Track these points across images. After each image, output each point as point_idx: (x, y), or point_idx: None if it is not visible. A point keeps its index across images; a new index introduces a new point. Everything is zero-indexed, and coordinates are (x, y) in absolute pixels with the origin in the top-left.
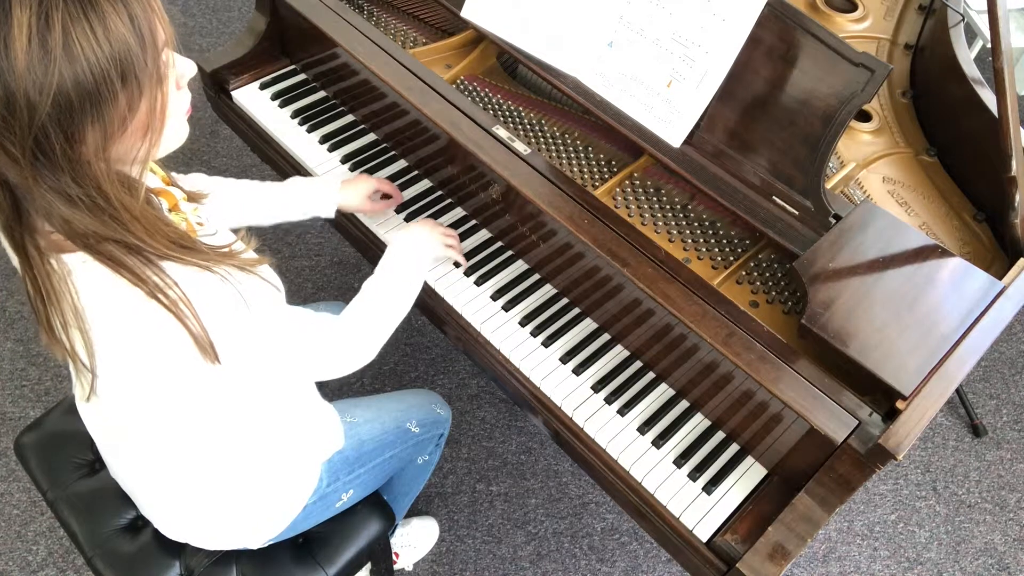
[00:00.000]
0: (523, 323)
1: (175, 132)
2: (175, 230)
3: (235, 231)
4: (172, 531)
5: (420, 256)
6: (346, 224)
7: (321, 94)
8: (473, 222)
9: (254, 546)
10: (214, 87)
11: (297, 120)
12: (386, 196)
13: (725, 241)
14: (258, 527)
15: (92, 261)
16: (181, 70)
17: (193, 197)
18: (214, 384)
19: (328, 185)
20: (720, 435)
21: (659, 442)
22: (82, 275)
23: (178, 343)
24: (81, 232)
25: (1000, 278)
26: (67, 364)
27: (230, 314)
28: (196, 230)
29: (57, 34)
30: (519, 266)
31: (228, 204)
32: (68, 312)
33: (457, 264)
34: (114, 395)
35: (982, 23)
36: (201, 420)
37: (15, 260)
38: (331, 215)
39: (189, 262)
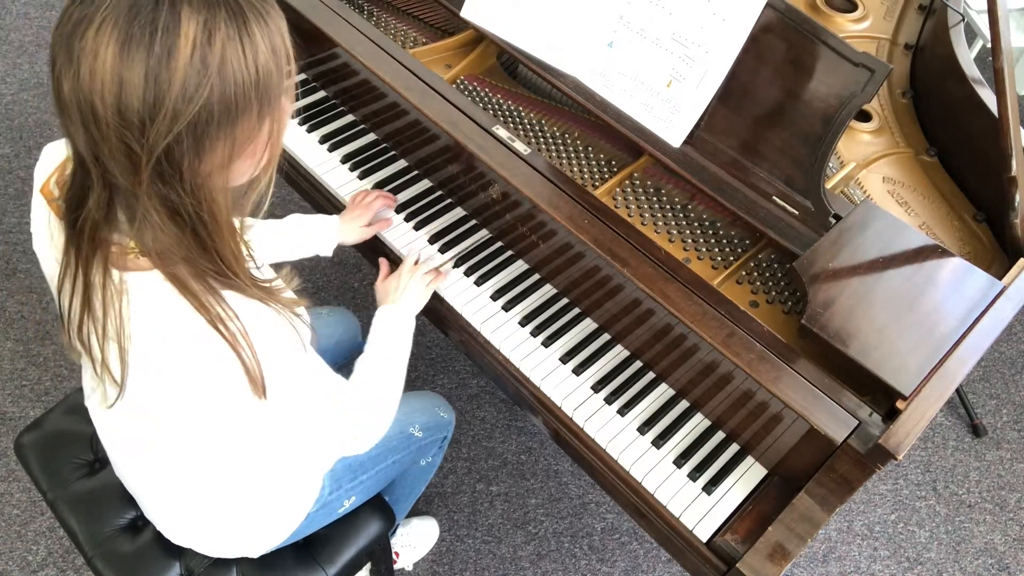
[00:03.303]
0: (523, 323)
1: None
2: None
3: (277, 267)
4: (175, 537)
5: (409, 315)
6: None
7: (321, 94)
8: (473, 222)
9: (255, 555)
10: None
11: (297, 120)
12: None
13: (725, 241)
14: (262, 538)
15: (160, 281)
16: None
17: (243, 228)
18: (253, 418)
19: (327, 225)
20: (720, 435)
21: (659, 442)
22: (143, 293)
23: (230, 375)
24: (164, 247)
25: (1000, 278)
26: (78, 365)
27: (285, 351)
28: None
29: (217, 52)
30: (519, 266)
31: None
32: (111, 327)
33: (457, 265)
34: (138, 411)
35: (982, 23)
36: (220, 440)
37: (48, 261)
38: (328, 254)
39: (253, 294)
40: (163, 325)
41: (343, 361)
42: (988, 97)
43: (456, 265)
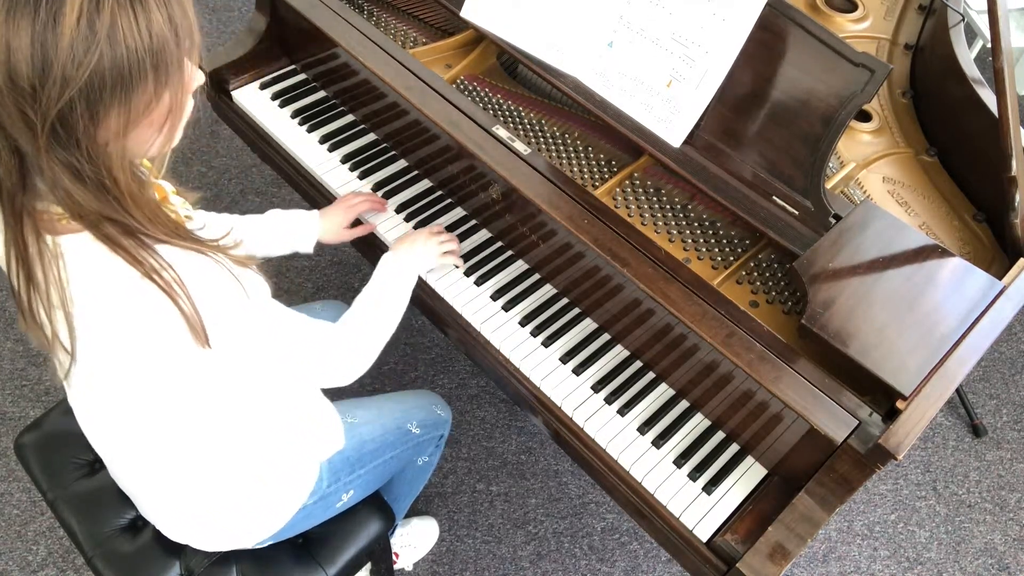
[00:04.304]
0: (523, 323)
1: (179, 133)
2: (172, 220)
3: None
4: (171, 531)
5: (413, 269)
6: None
7: (321, 94)
8: (473, 222)
9: (250, 545)
10: (214, 87)
11: (297, 120)
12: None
13: (725, 241)
14: (257, 526)
15: (91, 241)
16: (196, 77)
17: (181, 193)
18: (204, 372)
19: (307, 220)
20: (720, 435)
21: (659, 442)
22: (77, 254)
23: (170, 324)
24: (82, 209)
25: (1000, 278)
26: (44, 351)
27: (225, 298)
28: (184, 223)
29: (105, 18)
30: (519, 266)
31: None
32: (54, 293)
33: (456, 265)
34: (96, 380)
35: (982, 23)
36: (194, 414)
37: None
38: (309, 251)
39: (187, 247)
40: (100, 282)
41: None
42: (988, 97)
43: (455, 266)
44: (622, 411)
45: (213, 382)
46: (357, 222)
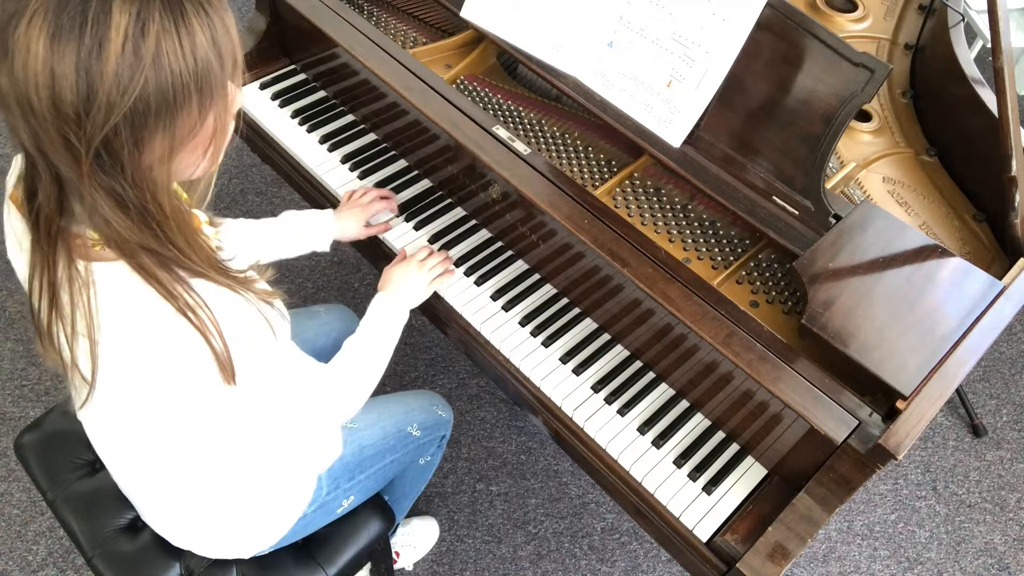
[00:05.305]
0: (523, 323)
1: (222, 155)
2: (209, 250)
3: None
4: (173, 538)
5: (404, 308)
6: None
7: (321, 94)
8: (473, 222)
9: (251, 555)
10: None
11: (297, 120)
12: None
13: (725, 241)
14: (256, 537)
15: (126, 271)
16: (238, 99)
17: (212, 222)
18: (223, 404)
19: (323, 220)
20: (720, 435)
21: (659, 442)
22: (109, 284)
23: (199, 361)
24: (120, 237)
25: (1000, 278)
26: (61, 371)
27: (254, 338)
28: (215, 253)
29: (150, 43)
30: (519, 266)
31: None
32: (80, 321)
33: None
34: (114, 406)
35: (982, 23)
36: (202, 435)
37: (21, 269)
38: (326, 249)
39: (221, 282)
40: (132, 314)
41: None
42: (988, 97)
43: (456, 265)
44: (622, 411)
45: (228, 411)
46: None
